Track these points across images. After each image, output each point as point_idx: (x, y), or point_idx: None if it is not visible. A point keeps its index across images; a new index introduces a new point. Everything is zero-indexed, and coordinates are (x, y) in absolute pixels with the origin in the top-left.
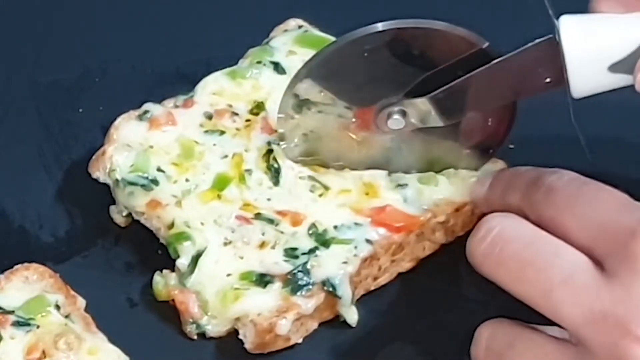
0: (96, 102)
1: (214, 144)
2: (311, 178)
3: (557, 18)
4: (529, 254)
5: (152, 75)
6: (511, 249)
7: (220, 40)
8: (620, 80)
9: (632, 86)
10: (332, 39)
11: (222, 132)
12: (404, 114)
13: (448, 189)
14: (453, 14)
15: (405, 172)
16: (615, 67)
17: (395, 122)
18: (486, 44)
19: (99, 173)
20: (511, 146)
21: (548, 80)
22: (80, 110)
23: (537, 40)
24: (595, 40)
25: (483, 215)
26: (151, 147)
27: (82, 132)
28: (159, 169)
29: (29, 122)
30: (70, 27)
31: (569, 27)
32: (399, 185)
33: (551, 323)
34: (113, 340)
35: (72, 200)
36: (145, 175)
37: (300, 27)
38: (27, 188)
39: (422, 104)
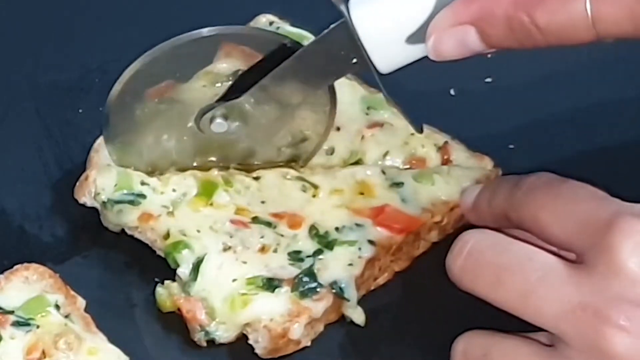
0: (96, 102)
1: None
2: (299, 178)
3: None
4: (503, 260)
5: None
6: (486, 257)
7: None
8: (421, 50)
9: None
10: (305, 33)
11: None
12: (225, 116)
13: (444, 189)
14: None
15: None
16: (412, 39)
17: (218, 125)
18: (287, 40)
19: (85, 198)
20: (511, 146)
21: (354, 61)
22: (80, 110)
23: (332, 26)
24: (386, 17)
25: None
26: None
27: (82, 132)
28: (142, 183)
29: (29, 122)
30: (70, 27)
31: (358, 8)
32: (395, 184)
33: (534, 330)
34: (113, 340)
35: (72, 200)
36: (131, 191)
37: (271, 23)
38: (27, 188)
39: (239, 104)
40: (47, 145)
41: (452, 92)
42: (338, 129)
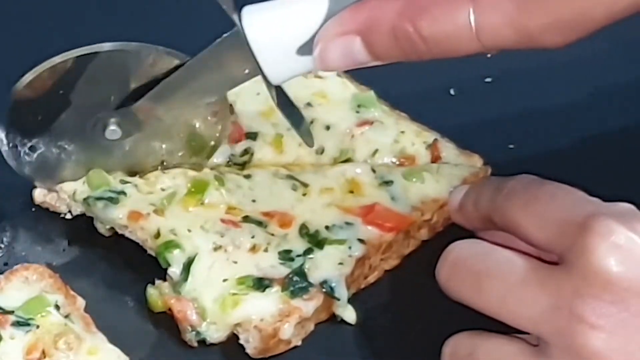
0: None
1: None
2: (289, 177)
3: (240, 11)
4: (483, 266)
5: None
6: (467, 265)
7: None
8: (312, 61)
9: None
10: None
11: None
12: (119, 124)
13: (434, 187)
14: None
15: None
16: (303, 50)
17: (112, 132)
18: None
19: (63, 207)
20: (511, 146)
21: (247, 71)
22: None
23: (224, 35)
24: (278, 27)
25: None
26: None
27: None
28: (123, 181)
29: None
30: (70, 28)
31: (250, 17)
32: (384, 182)
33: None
34: (113, 340)
35: None
36: (109, 188)
37: None
38: (27, 189)
39: (132, 112)
40: None
41: (452, 91)
42: (328, 127)
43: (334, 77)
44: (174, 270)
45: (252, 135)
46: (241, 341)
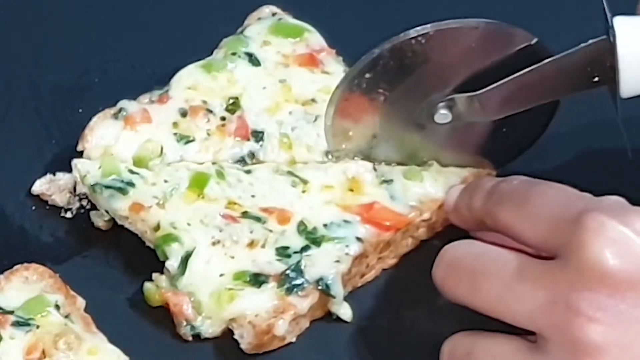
0: (96, 102)
1: (180, 158)
2: (290, 173)
3: (611, 19)
4: (479, 265)
5: (152, 75)
6: (463, 265)
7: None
8: None
9: None
10: (306, 26)
11: (191, 140)
12: (450, 109)
13: (433, 186)
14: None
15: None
16: None
17: (442, 116)
18: (535, 40)
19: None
20: None
21: (596, 79)
22: (80, 110)
23: (591, 41)
24: None
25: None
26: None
27: (82, 132)
28: (131, 171)
29: (29, 122)
30: (70, 27)
31: (624, 28)
32: (385, 181)
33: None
34: (113, 340)
35: None
36: (120, 178)
37: (274, 14)
38: (27, 188)
39: (470, 100)
40: (47, 145)
41: None
42: None
43: (339, 73)
44: (172, 264)
45: (258, 135)
46: (236, 336)
